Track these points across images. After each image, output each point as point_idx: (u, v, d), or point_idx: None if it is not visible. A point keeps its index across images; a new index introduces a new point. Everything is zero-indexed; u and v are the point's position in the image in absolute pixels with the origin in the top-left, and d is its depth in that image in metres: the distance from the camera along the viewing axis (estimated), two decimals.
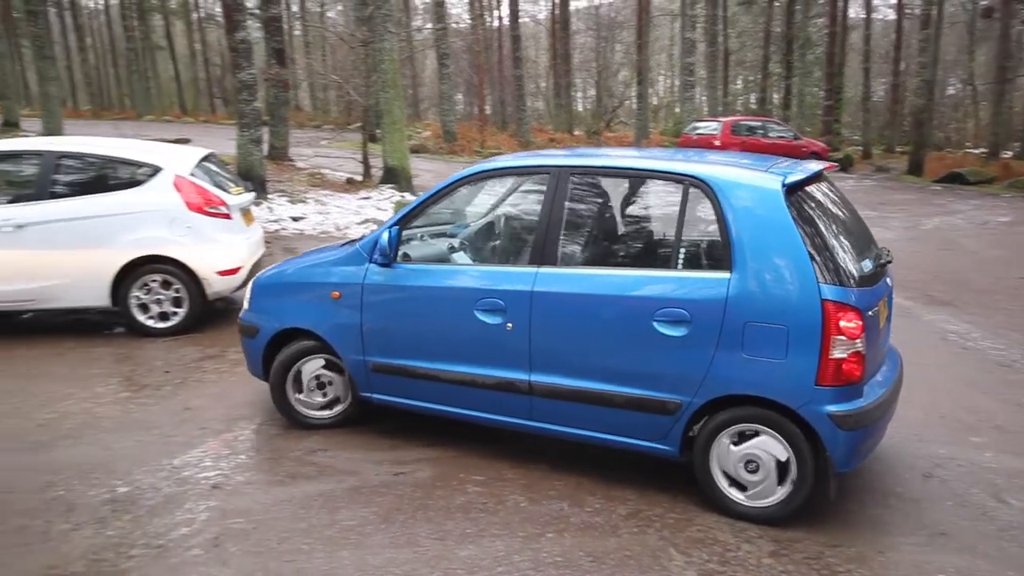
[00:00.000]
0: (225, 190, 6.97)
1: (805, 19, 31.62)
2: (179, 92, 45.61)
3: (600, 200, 4.32)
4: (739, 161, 4.19)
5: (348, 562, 3.29)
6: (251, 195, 7.63)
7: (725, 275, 3.56)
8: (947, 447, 4.53)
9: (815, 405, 3.43)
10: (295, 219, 12.04)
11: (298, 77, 37.00)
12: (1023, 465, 4.32)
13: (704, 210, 3.76)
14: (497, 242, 4.88)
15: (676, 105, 43.60)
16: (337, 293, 4.42)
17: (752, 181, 3.68)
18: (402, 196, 14.29)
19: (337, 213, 12.70)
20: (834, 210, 3.99)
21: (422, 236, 4.74)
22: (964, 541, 3.54)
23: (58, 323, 7.03)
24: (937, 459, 4.38)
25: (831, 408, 3.42)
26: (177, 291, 6.58)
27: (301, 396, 4.69)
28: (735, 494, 3.70)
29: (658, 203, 4.17)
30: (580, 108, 48.23)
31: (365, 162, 16.49)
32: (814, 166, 4.04)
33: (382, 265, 4.32)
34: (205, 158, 7.13)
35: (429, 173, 19.47)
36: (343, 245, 4.81)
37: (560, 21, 36.45)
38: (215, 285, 6.66)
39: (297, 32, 41.61)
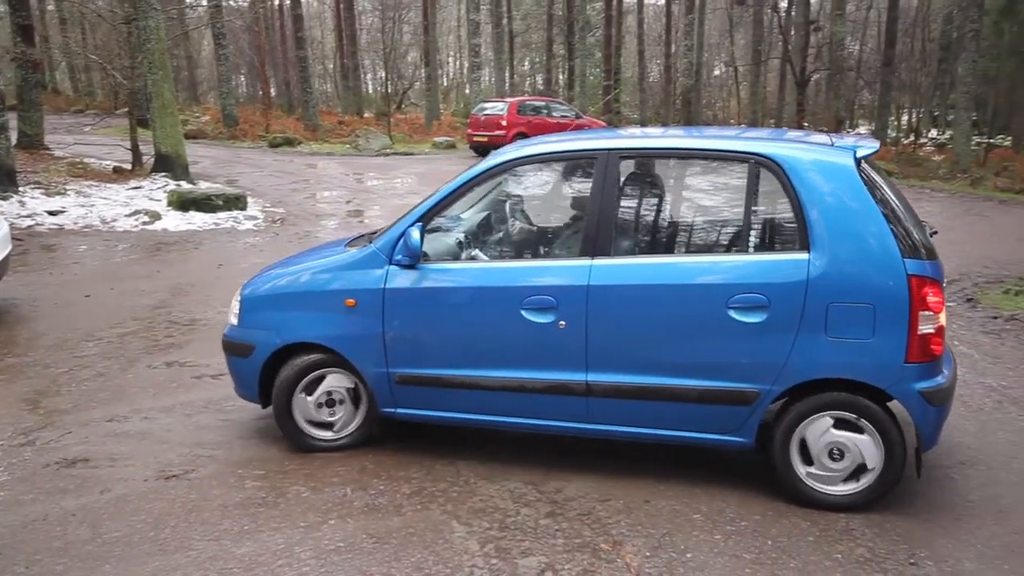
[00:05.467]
0: None
1: (584, 2, 32.96)
2: None
3: (657, 184, 4.08)
4: (802, 137, 4.08)
5: None
6: None
7: (803, 256, 3.44)
8: None
9: (906, 383, 3.38)
10: (52, 213, 10.96)
11: (54, 57, 33.71)
12: None
13: (774, 190, 3.59)
14: (527, 235, 4.53)
15: (466, 86, 44.09)
16: (352, 300, 3.97)
17: (823, 157, 3.56)
18: (177, 184, 13.43)
19: (103, 205, 11.71)
20: (886, 183, 3.82)
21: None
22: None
23: None
24: None
25: (920, 385, 3.39)
26: None
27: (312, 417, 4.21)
28: (814, 483, 3.59)
29: (721, 185, 3.92)
30: (370, 90, 47.56)
31: (134, 149, 15.33)
32: (874, 140, 3.93)
33: (406, 267, 3.92)
34: None
35: (208, 159, 18.44)
36: (347, 244, 4.36)
37: (344, 0, 35.58)
38: None
39: (51, 7, 37.77)
